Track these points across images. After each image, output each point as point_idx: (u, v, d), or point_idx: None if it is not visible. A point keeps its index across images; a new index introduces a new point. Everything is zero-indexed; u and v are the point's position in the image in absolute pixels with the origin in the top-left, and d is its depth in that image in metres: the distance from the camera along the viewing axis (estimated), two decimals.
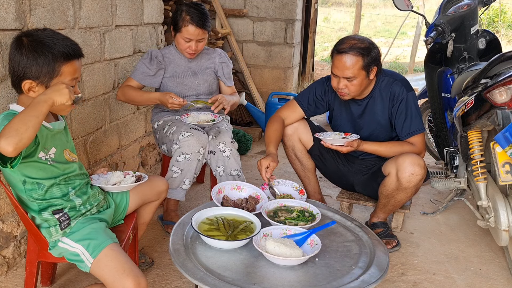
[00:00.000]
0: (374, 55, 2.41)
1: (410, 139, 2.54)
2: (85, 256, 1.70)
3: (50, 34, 1.67)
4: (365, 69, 2.40)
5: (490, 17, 11.47)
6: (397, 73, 2.67)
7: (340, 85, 2.44)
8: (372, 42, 2.45)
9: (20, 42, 1.64)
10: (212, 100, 2.71)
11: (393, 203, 2.55)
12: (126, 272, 1.63)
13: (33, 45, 1.62)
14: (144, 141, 3.55)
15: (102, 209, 1.91)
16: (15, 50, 1.64)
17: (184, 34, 2.67)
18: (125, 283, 1.61)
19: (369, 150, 2.57)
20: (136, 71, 2.77)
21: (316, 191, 2.87)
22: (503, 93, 2.15)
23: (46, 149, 1.71)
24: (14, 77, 1.67)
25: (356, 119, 2.64)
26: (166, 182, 2.20)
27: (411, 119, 2.52)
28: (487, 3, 3.13)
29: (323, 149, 2.72)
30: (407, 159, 2.41)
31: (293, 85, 5.42)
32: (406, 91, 2.53)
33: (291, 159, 2.80)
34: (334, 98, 2.67)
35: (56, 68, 1.64)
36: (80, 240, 1.72)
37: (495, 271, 2.48)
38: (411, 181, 2.41)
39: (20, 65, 1.63)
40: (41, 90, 1.64)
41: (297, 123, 2.71)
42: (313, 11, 6.25)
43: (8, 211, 2.19)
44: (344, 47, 2.39)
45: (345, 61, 2.37)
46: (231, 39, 5.02)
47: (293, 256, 1.72)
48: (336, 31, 13.90)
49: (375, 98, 2.57)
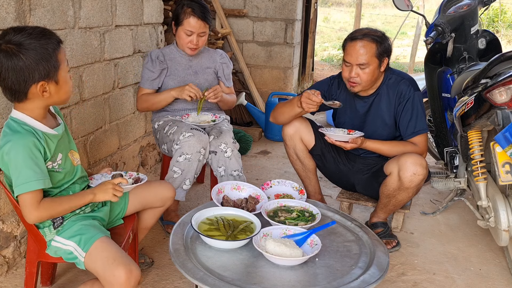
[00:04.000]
0: (387, 44, 2.46)
1: (413, 139, 2.54)
2: (78, 252, 1.70)
3: (28, 31, 1.58)
4: (378, 58, 2.43)
5: (490, 17, 11.46)
6: (404, 72, 2.69)
7: (353, 73, 2.44)
8: (385, 33, 2.50)
9: (9, 50, 1.53)
10: (210, 90, 2.72)
11: (394, 203, 2.55)
12: (116, 261, 1.62)
13: (25, 46, 1.55)
14: (144, 141, 3.55)
15: (96, 208, 1.90)
16: (10, 59, 1.54)
17: (186, 26, 2.67)
18: (115, 272, 1.59)
19: (372, 148, 2.57)
20: (143, 79, 2.78)
21: (317, 191, 2.87)
22: (503, 93, 2.15)
23: (53, 158, 1.72)
24: (19, 87, 1.58)
25: (361, 116, 2.64)
26: (173, 190, 2.16)
27: (416, 119, 2.53)
28: (487, 3, 3.13)
29: (325, 149, 2.71)
30: (409, 158, 2.41)
31: (293, 85, 5.42)
32: (413, 90, 2.54)
33: (292, 159, 2.80)
34: (338, 95, 2.67)
35: (57, 58, 1.62)
36: (72, 237, 1.73)
37: (495, 271, 2.48)
38: (413, 181, 2.41)
39: (25, 71, 1.56)
40: (52, 87, 1.63)
41: (299, 122, 2.68)
42: (313, 11, 6.25)
43: (8, 211, 2.19)
44: (358, 34, 2.43)
45: (360, 47, 2.40)
46: (231, 39, 5.02)
47: (293, 256, 1.72)
48: (336, 31, 13.89)
49: (381, 95, 2.58)
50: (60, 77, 1.65)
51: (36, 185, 1.59)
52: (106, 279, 1.62)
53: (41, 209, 1.63)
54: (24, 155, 1.58)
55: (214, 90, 2.72)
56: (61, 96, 1.69)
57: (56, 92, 1.66)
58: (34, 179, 1.59)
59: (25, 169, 1.58)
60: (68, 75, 1.70)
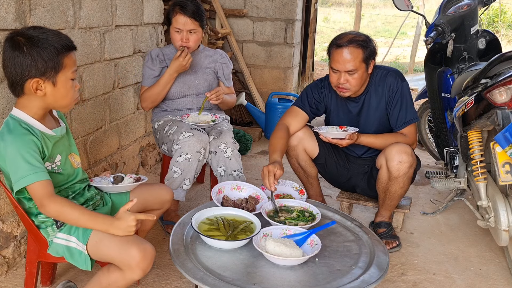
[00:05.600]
0: (372, 48, 2.45)
1: (403, 130, 2.57)
2: (79, 246, 1.71)
3: (43, 30, 1.64)
4: (365, 62, 2.43)
5: (490, 17, 11.47)
6: (388, 66, 2.69)
7: (341, 80, 2.43)
8: (368, 36, 2.49)
9: (16, 42, 1.59)
10: (212, 92, 2.72)
11: (390, 196, 2.56)
12: (129, 242, 1.65)
13: (33, 41, 1.59)
14: (144, 141, 3.55)
15: (98, 208, 1.92)
16: (14, 50, 1.59)
17: (174, 24, 2.67)
18: (131, 252, 1.62)
19: (366, 143, 2.58)
20: (144, 78, 2.79)
21: (318, 194, 2.87)
22: (503, 93, 2.15)
23: (51, 158, 1.72)
24: (16, 79, 1.62)
25: (355, 117, 2.64)
26: (171, 192, 2.17)
27: (406, 109, 2.55)
28: (487, 3, 3.13)
29: (328, 156, 2.70)
30: (394, 148, 2.44)
31: (293, 85, 5.41)
32: (400, 81, 2.57)
33: (294, 167, 2.78)
34: (330, 98, 2.67)
35: (60, 61, 1.62)
36: (71, 231, 1.73)
37: (495, 271, 2.48)
38: (400, 169, 2.43)
39: (23, 64, 1.59)
40: (48, 87, 1.63)
41: (302, 132, 2.64)
42: (313, 11, 6.25)
43: (8, 211, 2.19)
44: (343, 41, 2.40)
45: (346, 54, 2.38)
46: (231, 39, 5.02)
47: (293, 256, 1.72)
48: (336, 31, 13.87)
49: (371, 93, 2.59)
50: (59, 81, 1.64)
51: (34, 178, 1.58)
52: (122, 261, 1.64)
53: (53, 203, 1.60)
54: (21, 150, 1.59)
55: (216, 92, 2.71)
56: (57, 100, 1.69)
57: (52, 94, 1.65)
58: (31, 172, 1.58)
59: (22, 164, 1.58)
60: (71, 82, 1.69)
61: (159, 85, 2.71)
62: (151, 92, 2.73)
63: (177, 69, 2.66)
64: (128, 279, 1.67)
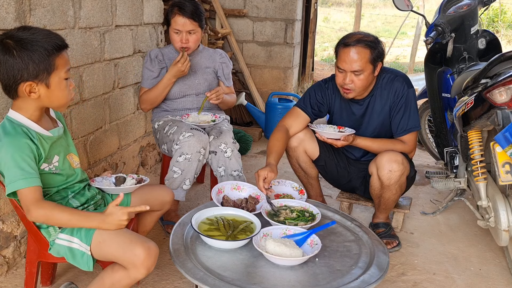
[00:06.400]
0: (380, 49, 2.42)
1: (403, 137, 2.54)
2: (82, 247, 1.71)
3: (32, 31, 1.60)
4: (372, 63, 2.39)
5: (490, 17, 11.46)
6: (397, 70, 2.67)
7: (347, 80, 2.41)
8: (377, 37, 2.46)
9: (6, 45, 1.56)
10: (212, 91, 2.72)
11: (384, 202, 2.56)
12: (133, 241, 1.65)
13: (22, 44, 1.56)
14: (144, 141, 3.55)
15: (99, 208, 1.92)
16: (4, 54, 1.56)
17: (173, 25, 2.67)
18: (135, 251, 1.63)
19: (363, 146, 2.56)
20: (144, 79, 2.79)
21: (318, 194, 2.87)
22: (503, 93, 2.15)
23: (48, 159, 1.71)
24: (9, 83, 1.60)
25: (358, 119, 2.63)
26: (171, 193, 2.17)
27: (409, 116, 2.52)
28: (487, 3, 3.13)
29: (328, 158, 2.69)
30: (384, 156, 2.42)
31: (293, 85, 5.42)
32: (407, 87, 2.53)
33: (294, 167, 2.77)
34: (334, 99, 2.65)
35: (51, 62, 1.60)
36: (74, 232, 1.73)
37: (495, 271, 2.48)
38: (391, 178, 2.41)
39: (14, 69, 1.56)
40: (42, 89, 1.62)
41: (303, 133, 2.63)
42: (313, 11, 6.25)
43: (8, 211, 2.19)
44: (351, 41, 2.38)
45: (354, 53, 2.36)
46: (231, 39, 5.02)
47: (293, 256, 1.72)
48: (336, 31, 13.89)
49: (376, 96, 2.56)
50: (53, 82, 1.63)
51: (23, 184, 1.58)
52: (127, 260, 1.65)
53: (40, 208, 1.61)
54: (14, 155, 1.58)
55: (216, 91, 2.71)
56: (52, 101, 1.68)
57: (47, 96, 1.64)
58: (21, 177, 1.58)
59: (13, 168, 1.58)
60: (65, 82, 1.67)
61: (157, 89, 2.72)
62: (150, 95, 2.74)
63: (175, 75, 2.66)
64: (133, 278, 1.68)
